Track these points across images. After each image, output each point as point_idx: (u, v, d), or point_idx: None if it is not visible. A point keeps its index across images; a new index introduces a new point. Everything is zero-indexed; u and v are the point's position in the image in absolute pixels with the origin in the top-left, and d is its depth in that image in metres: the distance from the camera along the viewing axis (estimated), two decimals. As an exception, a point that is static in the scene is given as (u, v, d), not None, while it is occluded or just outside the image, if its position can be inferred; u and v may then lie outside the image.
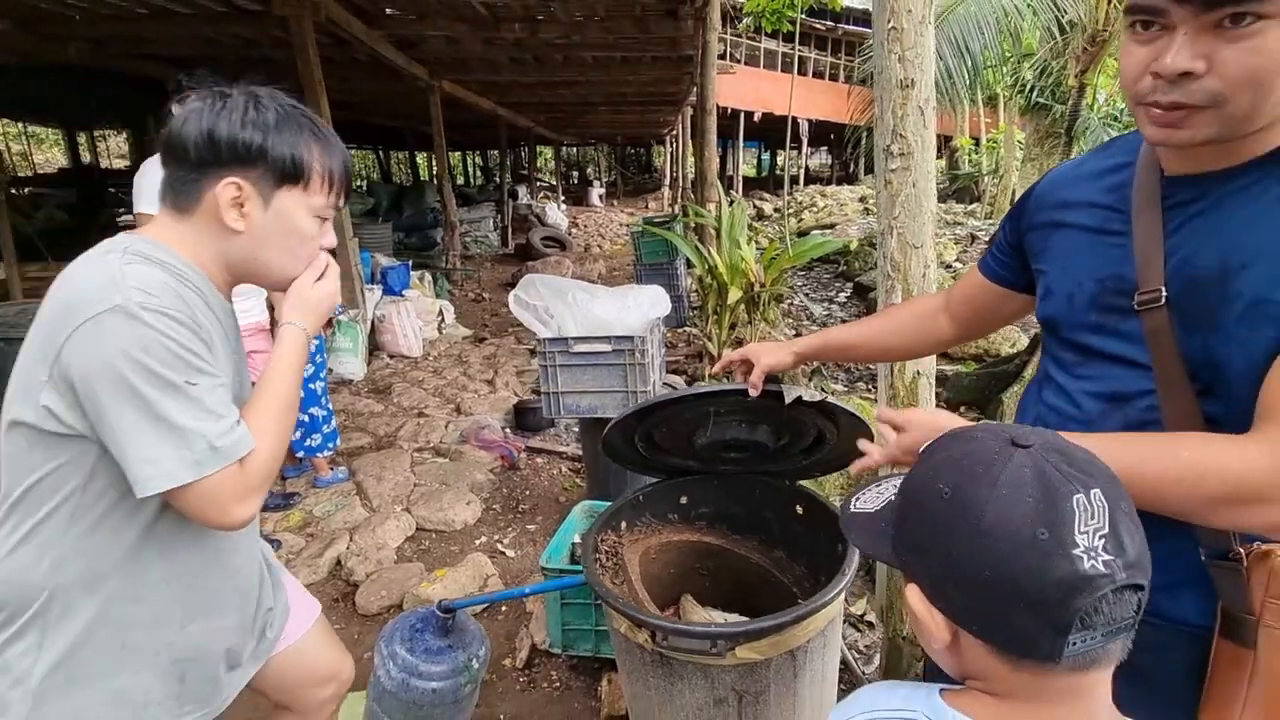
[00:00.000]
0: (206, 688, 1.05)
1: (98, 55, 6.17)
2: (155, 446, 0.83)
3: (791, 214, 15.85)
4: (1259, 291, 0.70)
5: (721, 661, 1.27)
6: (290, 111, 0.97)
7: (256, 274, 1.01)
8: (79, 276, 0.86)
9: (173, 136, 0.93)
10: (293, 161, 0.95)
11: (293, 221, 0.98)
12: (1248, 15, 0.64)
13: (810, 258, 5.29)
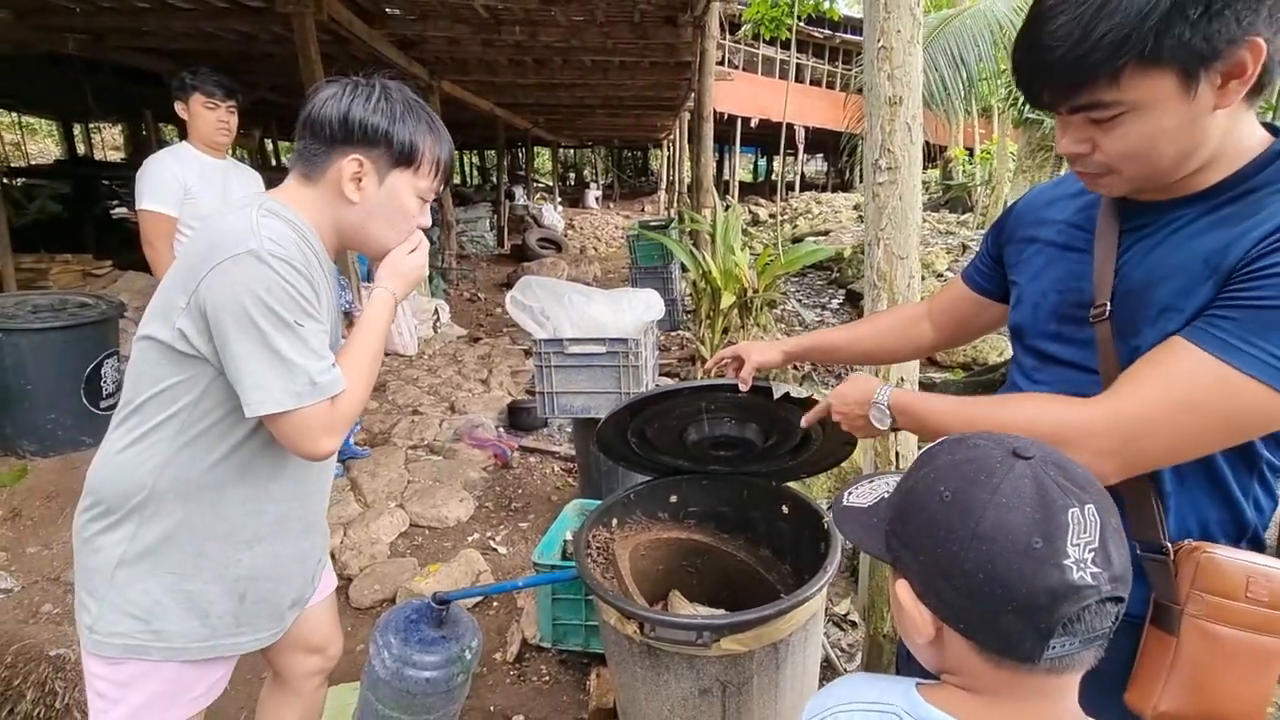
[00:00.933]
0: (262, 613, 1.16)
1: (96, 48, 6.17)
2: (267, 375, 0.95)
3: (786, 220, 15.96)
4: (1169, 300, 0.76)
5: (707, 653, 1.32)
6: (413, 104, 1.11)
7: (362, 242, 1.15)
8: (223, 223, 1.00)
9: (313, 114, 1.07)
10: (410, 146, 1.09)
11: (400, 199, 1.12)
12: (1108, 110, 0.70)
13: (803, 264, 5.36)
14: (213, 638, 1.11)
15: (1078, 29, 0.67)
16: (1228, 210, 0.75)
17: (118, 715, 1.08)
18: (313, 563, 1.27)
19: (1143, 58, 0.66)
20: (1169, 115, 0.69)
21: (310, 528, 1.23)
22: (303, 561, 1.22)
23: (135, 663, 1.06)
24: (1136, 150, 0.72)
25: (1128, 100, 0.69)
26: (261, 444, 1.07)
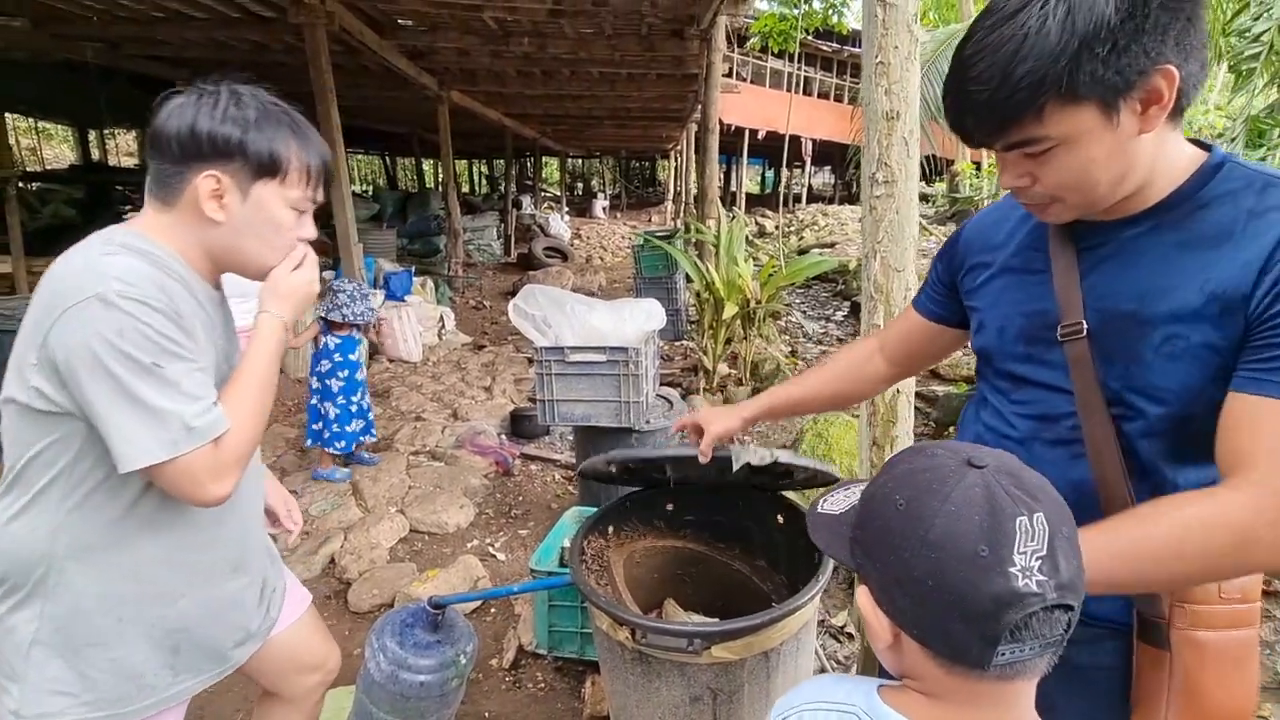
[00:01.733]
0: (201, 658, 1.10)
1: (111, 55, 6.28)
2: (133, 426, 0.88)
3: (792, 232, 16.00)
4: (1170, 328, 0.77)
5: (698, 660, 1.33)
6: (270, 108, 1.02)
7: (236, 263, 1.06)
8: (66, 267, 0.92)
9: (157, 131, 0.98)
10: (270, 156, 1.00)
11: (269, 213, 1.03)
12: (1039, 144, 0.73)
13: (806, 276, 5.37)
14: (151, 695, 1.05)
15: (997, 73, 0.70)
16: (1188, 228, 0.77)
17: None
18: (252, 598, 1.18)
19: (1061, 95, 0.69)
20: (1097, 144, 0.72)
21: (241, 566, 1.14)
22: (238, 603, 1.15)
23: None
24: (1073, 179, 0.75)
25: (1055, 135, 0.72)
26: (161, 495, 0.99)
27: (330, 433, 3.20)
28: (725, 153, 21.15)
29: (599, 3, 4.68)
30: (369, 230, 8.39)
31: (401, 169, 24.64)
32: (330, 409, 3.19)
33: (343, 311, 3.11)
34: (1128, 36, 0.66)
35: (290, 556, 2.77)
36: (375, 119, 11.90)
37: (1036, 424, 0.90)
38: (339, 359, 3.20)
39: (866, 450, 1.82)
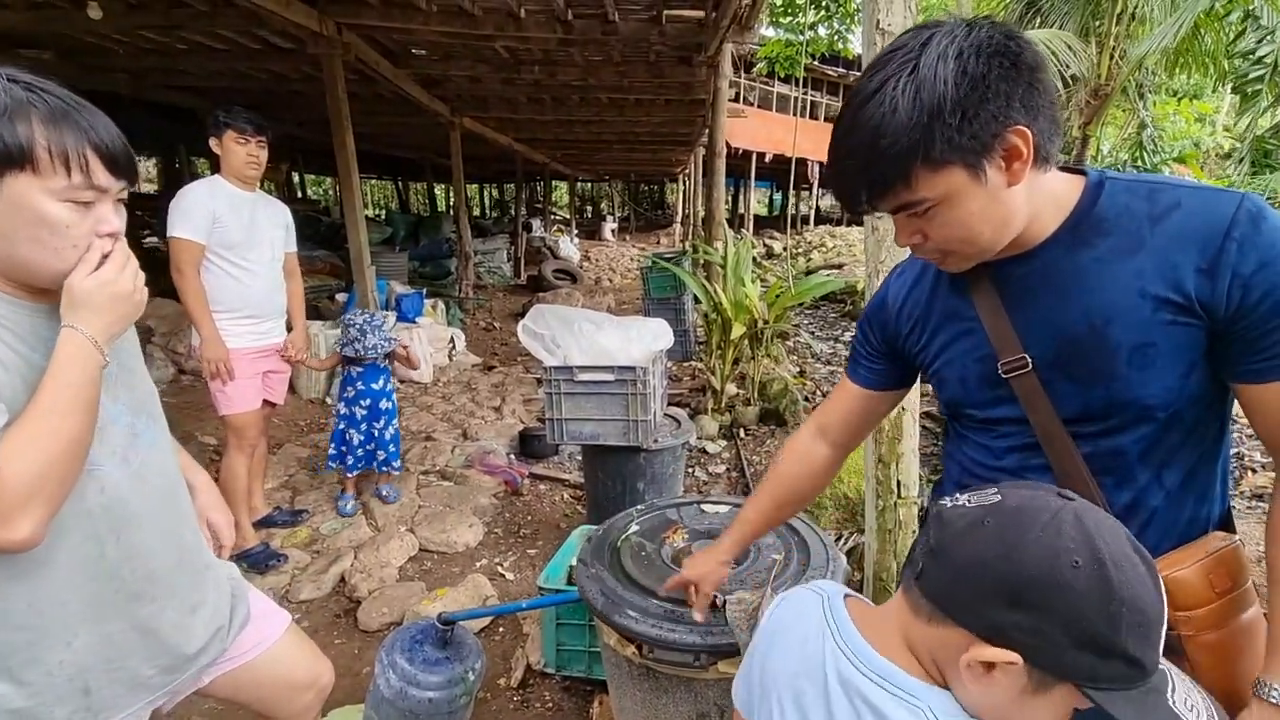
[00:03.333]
0: (120, 692, 1.03)
1: (135, 86, 6.47)
2: None
3: (800, 253, 16.06)
4: (1135, 339, 0.81)
5: (704, 675, 1.34)
6: (13, 84, 0.86)
7: (20, 273, 0.91)
8: None
9: None
10: (9, 145, 0.84)
11: (35, 210, 0.87)
12: (920, 205, 0.80)
13: (813, 296, 5.39)
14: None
15: (865, 149, 0.77)
16: (1097, 244, 0.83)
17: None
18: (169, 622, 1.08)
19: (924, 162, 0.76)
20: (971, 200, 0.78)
21: (141, 594, 1.03)
22: (149, 630, 1.05)
23: None
24: (957, 233, 0.81)
25: (930, 196, 0.79)
26: None
27: (353, 458, 3.20)
28: (733, 176, 21.34)
29: (608, 31, 4.80)
30: (382, 253, 8.52)
31: (414, 193, 25.04)
32: (355, 435, 3.18)
33: (355, 347, 3.09)
34: (973, 106, 0.73)
35: (301, 575, 2.79)
36: (388, 145, 12.14)
37: (1024, 455, 0.93)
38: (361, 387, 3.19)
39: (872, 467, 1.83)
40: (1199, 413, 0.84)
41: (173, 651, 1.08)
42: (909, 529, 1.82)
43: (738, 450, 4.20)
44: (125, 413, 1.02)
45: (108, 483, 0.97)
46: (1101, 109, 7.86)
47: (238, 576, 1.30)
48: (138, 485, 1.02)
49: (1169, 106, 14.07)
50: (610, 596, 1.42)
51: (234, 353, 2.69)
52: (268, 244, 2.77)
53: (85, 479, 0.94)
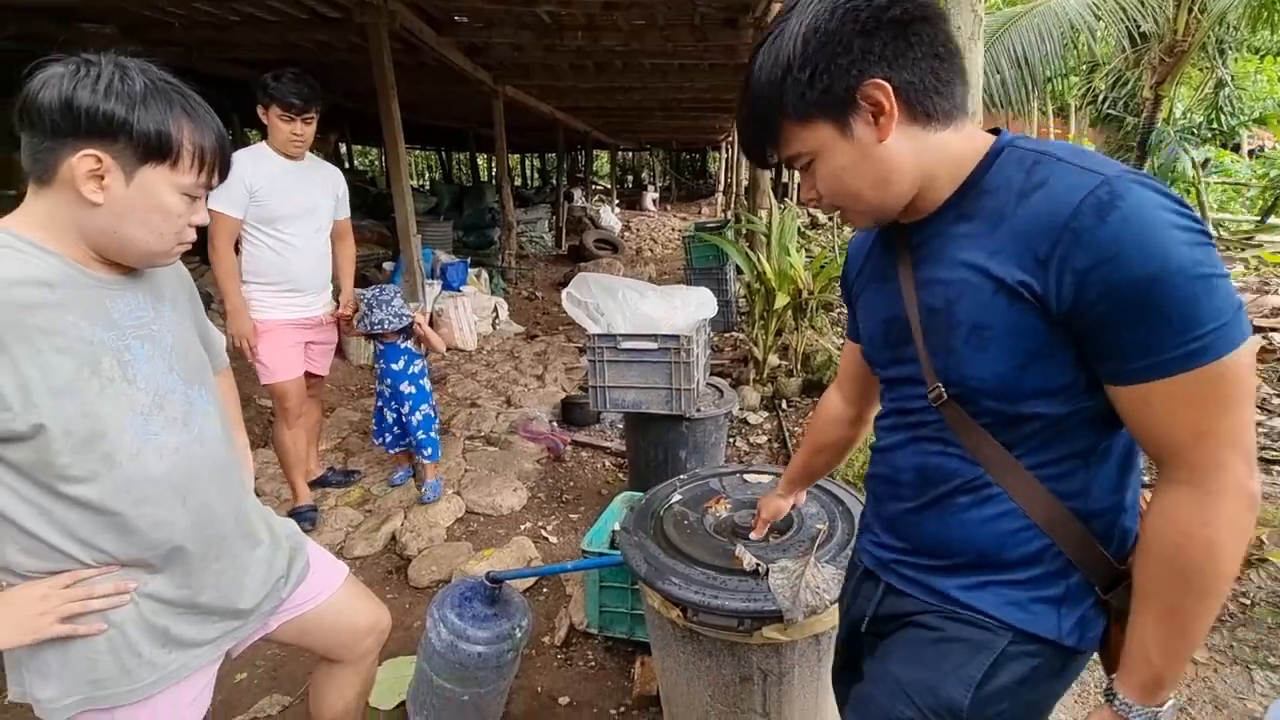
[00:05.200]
0: (192, 634, 1.10)
1: (189, 59, 6.63)
2: None
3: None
4: (975, 318, 0.79)
5: (748, 640, 1.35)
6: (161, 85, 0.93)
7: (116, 249, 0.98)
8: None
9: (28, 102, 0.89)
10: (159, 137, 0.92)
11: (157, 199, 0.95)
12: (799, 160, 0.83)
13: (860, 266, 5.25)
14: (153, 672, 1.06)
15: (744, 105, 0.84)
16: (971, 216, 0.81)
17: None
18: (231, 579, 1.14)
19: (791, 118, 0.80)
20: (840, 154, 0.80)
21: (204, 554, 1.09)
22: (213, 584, 1.11)
23: (88, 714, 1.03)
24: (835, 188, 0.83)
25: (805, 151, 0.82)
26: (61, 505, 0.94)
27: (390, 436, 3.16)
28: (778, 143, 20.83)
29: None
30: (427, 222, 8.63)
31: (457, 163, 25.19)
32: (388, 414, 3.13)
33: (364, 323, 2.93)
34: (824, 60, 0.75)
35: (354, 533, 2.91)
36: (432, 114, 12.19)
37: (899, 417, 0.94)
38: (383, 366, 3.06)
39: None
40: (1060, 409, 0.78)
41: (234, 604, 1.16)
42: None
43: (779, 421, 4.17)
44: (180, 383, 1.07)
45: (167, 449, 1.03)
46: (1176, 67, 7.35)
47: (296, 531, 1.36)
48: (197, 450, 1.08)
49: (1251, 65, 13.08)
50: (653, 564, 1.44)
51: (273, 324, 2.69)
52: (311, 216, 2.71)
53: (147, 449, 1.00)
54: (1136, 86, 8.54)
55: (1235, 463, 0.70)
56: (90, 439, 0.94)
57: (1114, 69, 8.98)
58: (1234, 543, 0.71)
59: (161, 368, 1.04)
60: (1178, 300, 0.67)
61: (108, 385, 0.96)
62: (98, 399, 0.95)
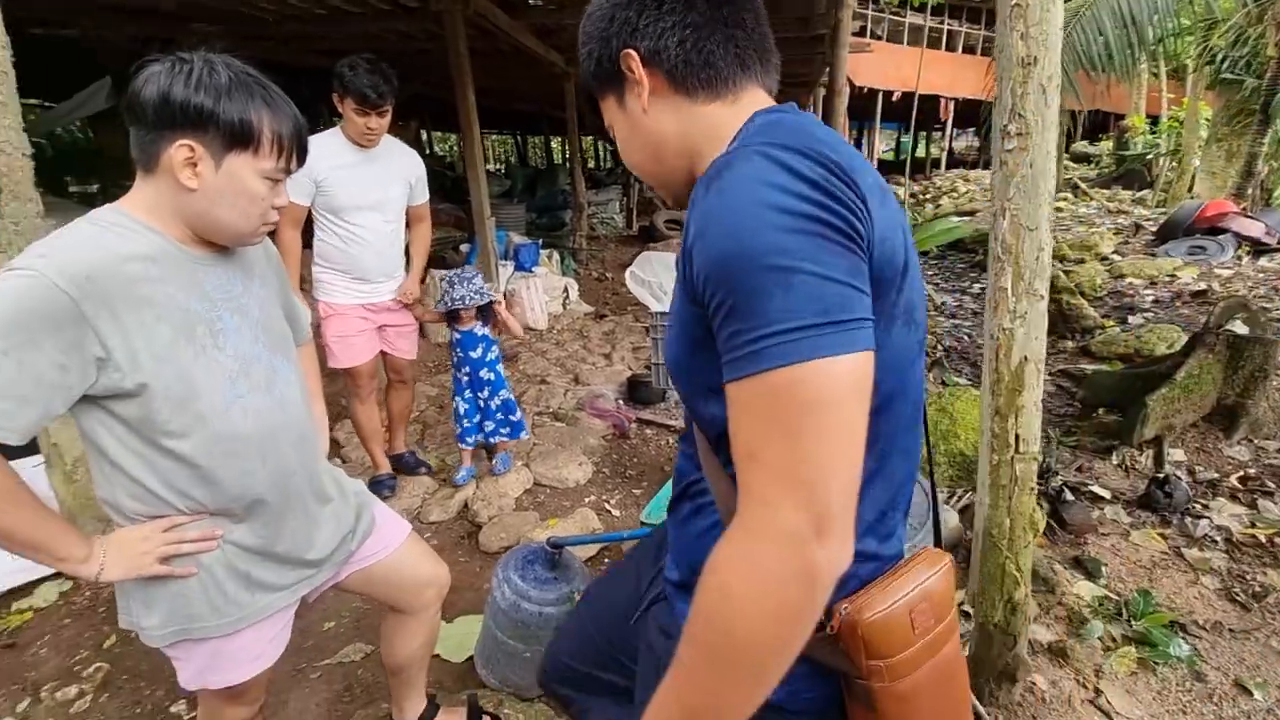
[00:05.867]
0: (271, 581, 1.22)
1: (280, 52, 7.03)
2: None
3: (928, 199, 14.98)
4: (675, 305, 0.75)
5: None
6: (243, 78, 1.03)
7: (210, 229, 1.08)
8: None
9: (133, 98, 0.99)
10: (242, 126, 1.02)
11: (244, 184, 1.05)
12: (610, 132, 0.85)
13: (936, 244, 5.04)
14: (238, 610, 1.18)
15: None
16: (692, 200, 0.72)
17: (186, 676, 1.21)
18: (303, 535, 1.25)
19: (594, 93, 0.84)
20: (620, 126, 0.83)
21: (281, 509, 1.20)
22: (289, 535, 1.23)
23: (183, 644, 1.17)
24: (625, 159, 0.86)
25: (607, 123, 0.86)
26: (157, 453, 1.05)
27: (460, 428, 3.14)
28: (857, 118, 20.04)
29: (722, -34, 4.59)
30: (501, 205, 8.86)
31: (532, 147, 25.63)
32: (461, 404, 3.11)
33: (445, 301, 2.89)
34: (600, 34, 0.79)
35: (430, 499, 3.09)
36: (508, 99, 12.43)
37: None
38: (461, 354, 3.04)
39: (988, 420, 1.74)
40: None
41: (305, 554, 1.27)
42: (1026, 486, 1.73)
43: (847, 403, 4.10)
44: (265, 352, 1.18)
45: (251, 410, 1.13)
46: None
47: (364, 490, 1.48)
48: (278, 413, 1.18)
49: None
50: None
51: (341, 307, 2.73)
52: (379, 209, 2.68)
53: (233, 410, 1.11)
54: (1259, 45, 7.70)
55: (783, 506, 0.55)
56: (185, 399, 1.05)
57: (1234, 26, 8.13)
58: (750, 602, 0.55)
59: (248, 337, 1.14)
60: (745, 290, 0.57)
61: (200, 352, 1.07)
62: (192, 363, 1.06)
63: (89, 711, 2.00)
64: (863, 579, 0.72)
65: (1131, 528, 2.80)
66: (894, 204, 0.68)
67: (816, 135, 0.65)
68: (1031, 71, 1.53)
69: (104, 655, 2.19)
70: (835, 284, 0.56)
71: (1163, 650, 2.08)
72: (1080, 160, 18.09)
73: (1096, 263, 7.27)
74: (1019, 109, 1.56)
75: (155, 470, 1.07)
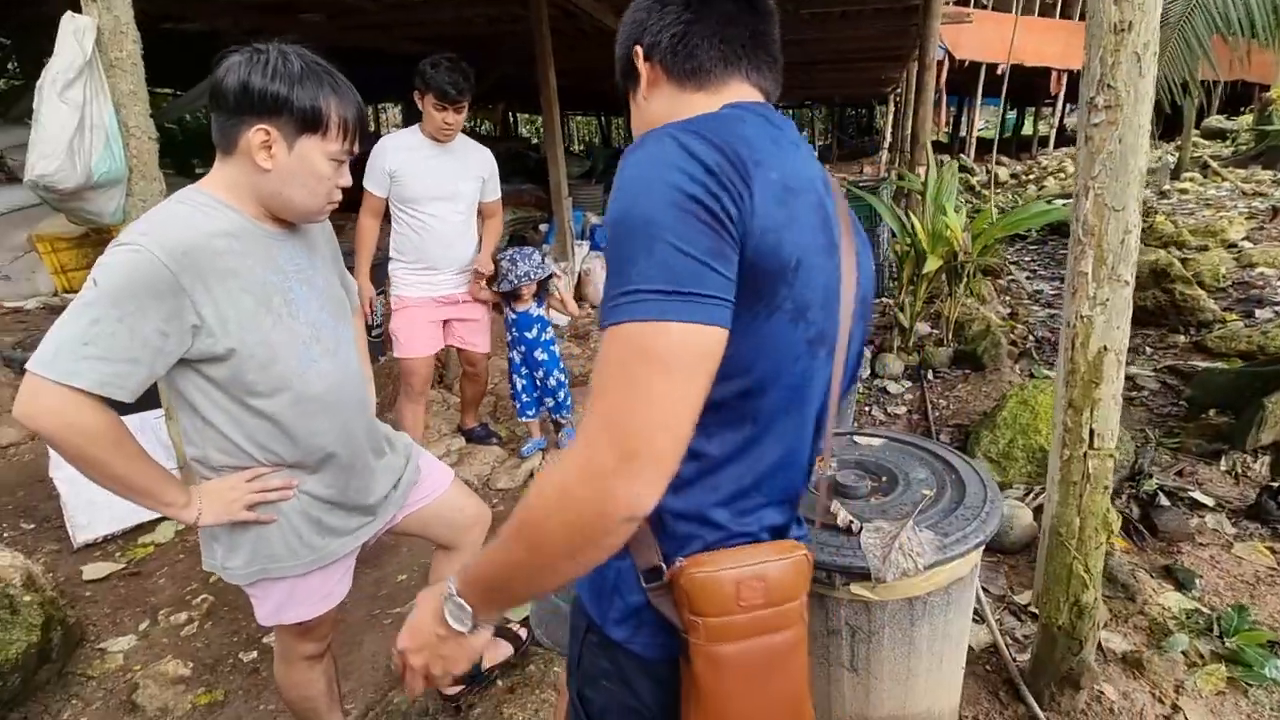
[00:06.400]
0: (338, 525, 1.35)
1: (379, 38, 7.36)
2: (48, 334, 1.03)
3: (1031, 180, 14.02)
4: None
5: (836, 593, 1.36)
6: (314, 67, 1.12)
7: (281, 207, 1.18)
8: None
9: (216, 86, 1.09)
10: (314, 111, 1.10)
11: (313, 164, 1.14)
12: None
13: (1028, 227, 4.73)
14: (312, 552, 1.30)
15: None
16: None
17: (264, 612, 1.34)
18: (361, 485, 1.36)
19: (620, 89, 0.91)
20: (633, 115, 0.90)
21: (349, 462, 1.32)
22: (352, 484, 1.34)
23: (262, 583, 1.30)
24: None
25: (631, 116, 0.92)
26: (240, 408, 1.16)
27: (519, 404, 3.25)
28: (957, 93, 18.84)
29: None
30: (579, 186, 8.96)
31: (615, 127, 25.72)
32: (519, 381, 3.20)
33: (508, 280, 2.97)
34: (621, 39, 0.89)
35: (499, 467, 3.23)
36: (590, 80, 12.52)
37: None
38: (516, 333, 3.12)
39: (1061, 413, 1.64)
40: None
41: (366, 501, 1.40)
42: (1100, 484, 1.62)
43: (923, 392, 3.95)
44: (330, 320, 1.29)
45: (323, 373, 1.25)
46: None
47: (410, 442, 1.61)
48: (344, 375, 1.30)
49: None
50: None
51: (410, 300, 2.84)
52: (451, 200, 2.78)
53: (309, 373, 1.22)
54: None
55: (600, 444, 0.61)
56: (267, 362, 1.16)
57: None
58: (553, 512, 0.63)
59: (316, 306, 1.25)
60: (620, 252, 0.64)
61: (278, 320, 1.18)
62: (272, 330, 1.16)
63: (196, 635, 2.24)
64: (707, 543, 0.77)
65: (1236, 539, 2.57)
66: (805, 208, 0.71)
67: (739, 131, 0.70)
68: (1125, 38, 1.42)
69: (210, 588, 2.45)
70: (692, 260, 0.62)
71: (1257, 671, 1.91)
72: (1214, 137, 16.36)
73: (1222, 250, 6.59)
74: (1108, 79, 1.45)
75: (241, 427, 1.19)
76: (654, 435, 0.61)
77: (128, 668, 2.10)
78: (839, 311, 0.78)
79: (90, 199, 2.48)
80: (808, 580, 0.80)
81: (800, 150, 0.77)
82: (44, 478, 2.73)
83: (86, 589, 2.46)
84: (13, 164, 4.85)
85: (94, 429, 1.05)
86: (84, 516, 2.66)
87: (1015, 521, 2.47)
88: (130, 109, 2.36)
